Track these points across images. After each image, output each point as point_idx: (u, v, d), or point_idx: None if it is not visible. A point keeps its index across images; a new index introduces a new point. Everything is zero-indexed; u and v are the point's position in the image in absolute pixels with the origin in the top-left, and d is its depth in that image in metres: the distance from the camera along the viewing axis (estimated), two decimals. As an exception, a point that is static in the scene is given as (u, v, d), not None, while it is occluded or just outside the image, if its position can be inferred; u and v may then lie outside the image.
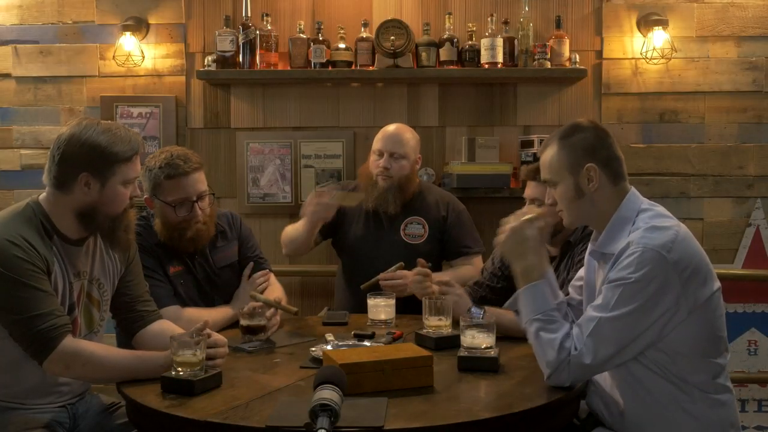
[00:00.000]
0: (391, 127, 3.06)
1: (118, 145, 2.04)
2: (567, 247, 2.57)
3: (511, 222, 2.08)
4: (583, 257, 2.42)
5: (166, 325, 2.26)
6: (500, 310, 2.41)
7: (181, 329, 2.19)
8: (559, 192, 2.04)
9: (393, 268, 2.76)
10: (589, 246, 2.09)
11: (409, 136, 3.05)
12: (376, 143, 3.04)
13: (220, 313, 2.55)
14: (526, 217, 2.09)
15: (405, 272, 2.74)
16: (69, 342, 1.95)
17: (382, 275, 2.75)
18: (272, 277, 2.78)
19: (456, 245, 3.05)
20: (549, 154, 2.04)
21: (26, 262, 1.93)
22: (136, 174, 2.11)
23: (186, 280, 2.59)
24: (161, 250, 2.56)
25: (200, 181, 2.54)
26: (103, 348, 2.04)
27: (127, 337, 2.26)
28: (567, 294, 2.25)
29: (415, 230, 3.01)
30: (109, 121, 2.15)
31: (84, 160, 2.01)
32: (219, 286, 2.68)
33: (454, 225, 3.06)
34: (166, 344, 1.97)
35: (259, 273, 2.72)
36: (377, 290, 2.70)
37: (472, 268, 2.97)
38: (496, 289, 2.74)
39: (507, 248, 2.07)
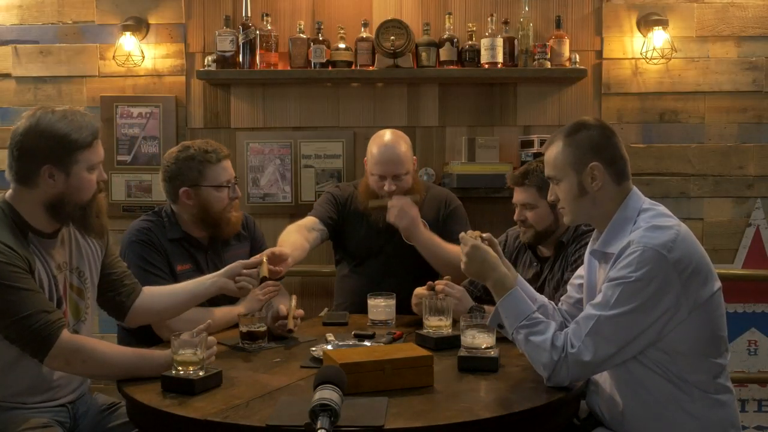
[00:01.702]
0: (385, 145, 2.91)
1: (77, 131, 2.00)
2: (560, 247, 2.57)
3: (461, 249, 2.09)
4: (578, 257, 2.44)
5: (149, 291, 2.32)
6: None
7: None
8: (561, 189, 2.04)
9: (411, 196, 2.82)
10: (590, 245, 2.09)
11: (405, 148, 2.93)
12: (375, 167, 2.90)
13: (221, 312, 2.55)
14: (470, 233, 2.12)
15: (415, 207, 2.79)
16: (67, 337, 1.95)
17: (395, 197, 2.80)
18: (282, 288, 2.79)
19: (450, 236, 2.98)
20: (554, 151, 2.04)
21: (7, 265, 1.90)
22: (99, 158, 2.07)
23: (193, 278, 2.59)
24: (171, 247, 2.58)
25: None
26: (105, 344, 2.05)
27: (120, 317, 2.29)
28: (566, 293, 2.26)
29: None
30: (65, 108, 2.07)
31: (44, 151, 1.97)
32: None
33: (448, 218, 3.03)
34: (163, 305, 2.23)
35: (271, 282, 2.70)
36: (383, 209, 2.80)
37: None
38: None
39: (472, 271, 2.08)
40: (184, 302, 2.32)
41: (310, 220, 2.97)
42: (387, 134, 2.96)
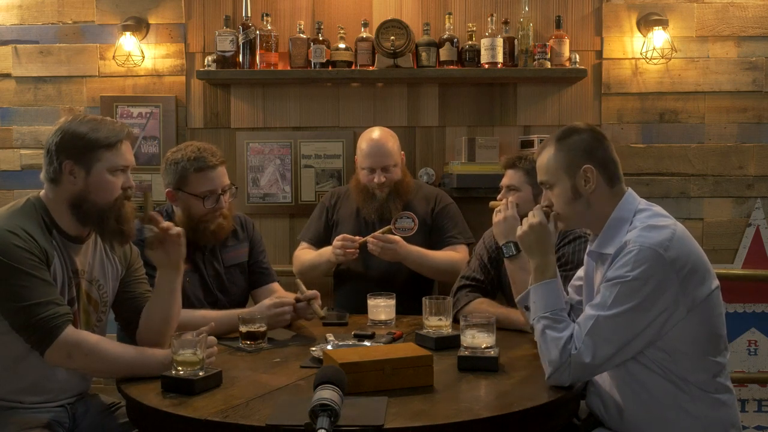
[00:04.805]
0: (373, 139, 3.06)
1: (100, 132, 2.05)
2: None
3: (529, 215, 2.07)
4: (558, 256, 2.45)
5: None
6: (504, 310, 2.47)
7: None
8: (555, 194, 2.04)
9: (383, 229, 2.90)
10: (587, 246, 2.09)
11: (392, 141, 3.07)
12: (364, 160, 3.05)
13: (221, 315, 2.54)
14: (543, 206, 2.07)
15: (395, 237, 2.87)
16: (71, 331, 1.95)
17: (371, 236, 2.87)
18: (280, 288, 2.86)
19: (442, 235, 3.10)
20: (546, 156, 2.05)
21: (25, 251, 1.93)
22: (124, 162, 2.09)
23: (192, 279, 2.60)
24: None
25: (225, 175, 2.63)
26: (107, 341, 2.05)
27: (130, 337, 2.27)
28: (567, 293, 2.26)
29: (405, 224, 3.06)
30: (99, 116, 2.17)
31: (66, 148, 2.04)
32: (225, 284, 2.70)
33: (440, 216, 3.12)
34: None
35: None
36: (364, 251, 2.89)
37: (457, 254, 3.03)
38: (489, 277, 2.75)
39: (525, 242, 2.07)
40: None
41: (305, 246, 3.20)
42: (375, 130, 3.12)
